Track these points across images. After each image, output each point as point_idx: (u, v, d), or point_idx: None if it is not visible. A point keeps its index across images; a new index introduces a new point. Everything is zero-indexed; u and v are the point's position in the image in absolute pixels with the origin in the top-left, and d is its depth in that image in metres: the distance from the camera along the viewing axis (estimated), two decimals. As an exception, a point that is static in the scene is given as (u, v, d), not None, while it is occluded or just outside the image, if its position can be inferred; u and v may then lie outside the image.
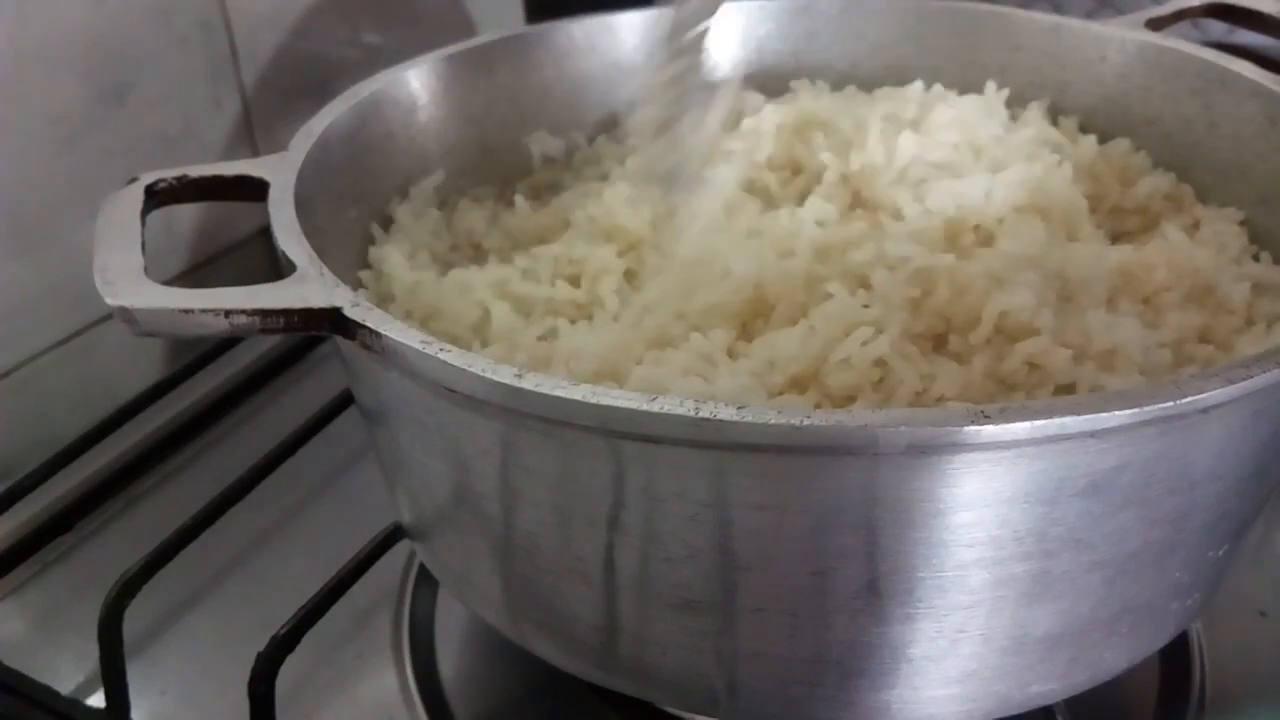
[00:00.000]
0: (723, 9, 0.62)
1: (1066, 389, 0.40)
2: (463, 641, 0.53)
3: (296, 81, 0.73)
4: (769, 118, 0.56)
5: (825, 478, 0.32)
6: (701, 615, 0.37)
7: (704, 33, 0.50)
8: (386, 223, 0.52)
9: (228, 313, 0.36)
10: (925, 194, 0.50)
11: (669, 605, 0.37)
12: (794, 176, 0.54)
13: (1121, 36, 0.57)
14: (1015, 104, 0.58)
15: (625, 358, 0.42)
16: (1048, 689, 0.39)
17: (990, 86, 0.58)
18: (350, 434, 0.59)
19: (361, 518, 0.52)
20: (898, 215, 0.49)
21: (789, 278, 0.44)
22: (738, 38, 0.64)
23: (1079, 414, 0.30)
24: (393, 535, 0.51)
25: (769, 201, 0.53)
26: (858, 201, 0.52)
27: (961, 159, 0.52)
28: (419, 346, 0.34)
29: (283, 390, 0.70)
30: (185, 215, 0.69)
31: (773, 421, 0.30)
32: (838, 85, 0.62)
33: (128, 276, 0.38)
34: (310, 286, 0.37)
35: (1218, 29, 0.69)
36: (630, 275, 0.49)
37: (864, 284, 0.44)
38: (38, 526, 0.59)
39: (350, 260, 0.49)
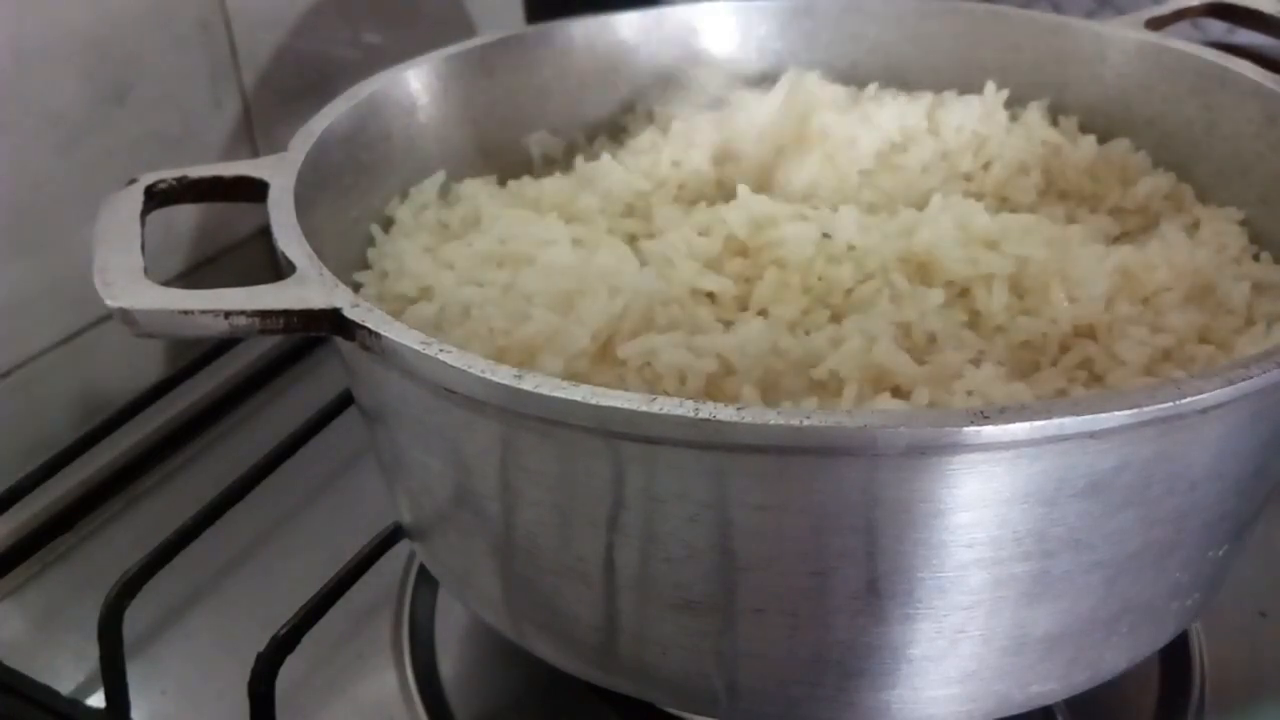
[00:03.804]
0: (723, 9, 0.63)
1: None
2: (463, 641, 0.53)
3: (296, 81, 0.73)
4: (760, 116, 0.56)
5: (825, 478, 0.32)
6: (701, 615, 0.37)
7: None
8: (387, 223, 0.52)
9: (227, 314, 0.36)
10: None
11: (669, 605, 0.37)
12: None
13: (1121, 36, 0.57)
14: (1015, 104, 0.58)
15: None
16: (1048, 689, 0.39)
17: (990, 87, 0.58)
18: (350, 434, 0.59)
19: (361, 518, 0.52)
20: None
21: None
22: (738, 38, 0.64)
23: (1078, 414, 0.30)
24: (393, 535, 0.51)
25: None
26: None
27: (964, 164, 0.53)
28: (418, 347, 0.34)
29: (283, 390, 0.70)
30: (185, 215, 0.69)
31: (772, 422, 0.30)
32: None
33: (127, 277, 0.38)
34: (310, 287, 0.37)
35: (1218, 29, 0.69)
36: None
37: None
38: (38, 526, 0.59)
39: (350, 261, 0.49)
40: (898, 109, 0.56)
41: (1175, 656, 0.49)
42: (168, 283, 0.38)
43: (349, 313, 0.36)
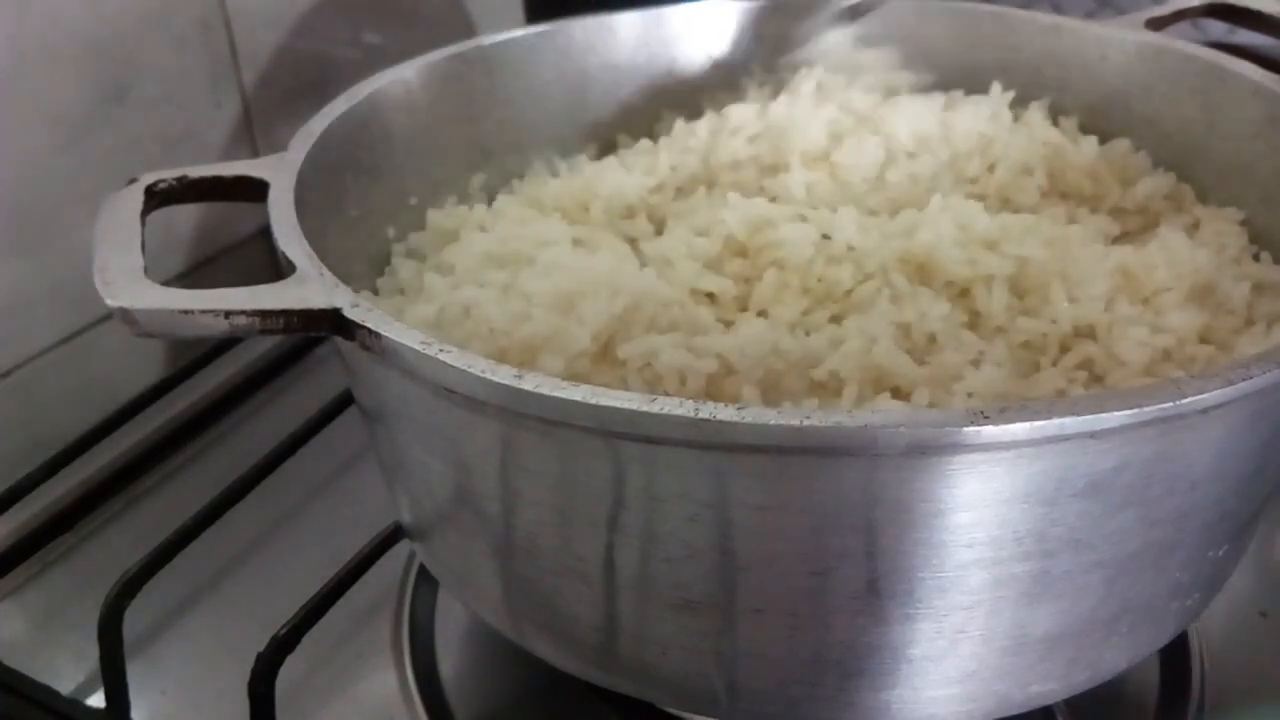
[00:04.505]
0: (723, 9, 0.63)
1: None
2: (463, 641, 0.53)
3: (296, 81, 0.73)
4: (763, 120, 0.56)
5: (825, 478, 0.32)
6: (701, 615, 0.37)
7: None
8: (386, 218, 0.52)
9: (228, 314, 0.36)
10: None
11: (669, 605, 0.37)
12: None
13: (1121, 36, 0.57)
14: (1015, 104, 0.58)
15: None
16: (1048, 689, 0.39)
17: (996, 88, 0.58)
18: (350, 434, 0.59)
19: (361, 518, 0.52)
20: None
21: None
22: (738, 38, 0.64)
23: (1078, 414, 0.30)
24: (393, 535, 0.51)
25: None
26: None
27: (972, 168, 0.53)
28: (418, 347, 0.34)
29: (283, 390, 0.70)
30: (185, 215, 0.69)
31: (773, 422, 0.30)
32: (837, 85, 0.62)
33: (127, 277, 0.38)
34: (310, 287, 0.37)
35: (1218, 29, 0.69)
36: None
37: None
38: (38, 526, 0.59)
39: (350, 260, 0.49)
40: (913, 112, 0.56)
41: (1175, 656, 0.49)
42: (168, 283, 0.38)
43: (349, 313, 0.36)
